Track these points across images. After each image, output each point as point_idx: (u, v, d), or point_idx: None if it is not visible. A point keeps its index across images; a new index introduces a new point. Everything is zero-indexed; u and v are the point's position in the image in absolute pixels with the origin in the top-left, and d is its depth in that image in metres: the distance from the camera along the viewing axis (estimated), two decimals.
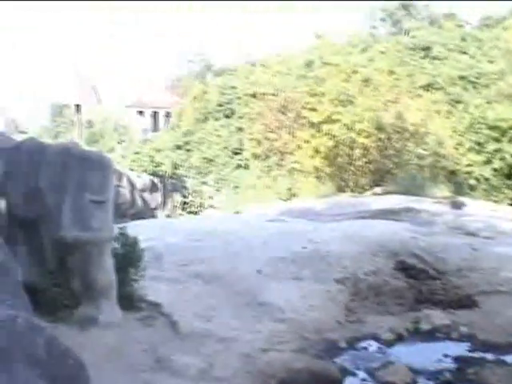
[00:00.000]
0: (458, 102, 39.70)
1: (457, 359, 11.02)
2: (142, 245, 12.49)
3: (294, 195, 35.53)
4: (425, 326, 12.44)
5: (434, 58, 47.42)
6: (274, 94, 42.84)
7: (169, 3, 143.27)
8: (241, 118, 48.29)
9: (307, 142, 35.60)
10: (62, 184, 10.86)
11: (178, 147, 48.35)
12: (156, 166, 36.73)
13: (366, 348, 11.59)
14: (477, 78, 42.52)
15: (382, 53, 48.99)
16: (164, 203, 36.61)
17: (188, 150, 48.41)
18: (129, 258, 11.81)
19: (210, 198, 39.83)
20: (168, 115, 62.66)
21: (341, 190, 33.57)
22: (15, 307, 4.82)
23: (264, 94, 44.30)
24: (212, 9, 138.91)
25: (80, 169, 10.92)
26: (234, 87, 51.81)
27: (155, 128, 65.26)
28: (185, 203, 37.79)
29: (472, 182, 33.07)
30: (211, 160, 47.00)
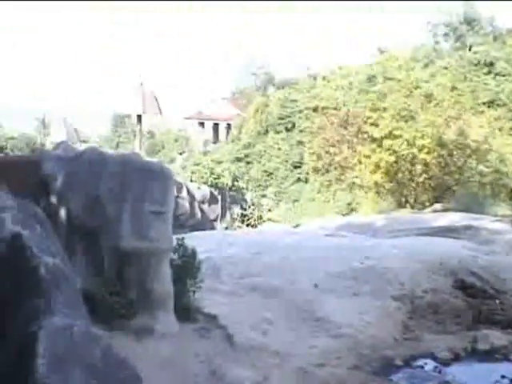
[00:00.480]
0: None
1: None
2: (200, 256, 12.52)
3: (353, 210, 35.37)
4: (482, 346, 12.20)
5: (498, 74, 46.80)
6: (335, 108, 42.74)
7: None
8: (301, 131, 48.28)
9: (368, 157, 35.39)
10: (121, 194, 10.94)
11: (238, 159, 48.53)
12: (216, 178, 36.87)
13: (422, 367, 11.42)
14: None
15: (445, 68, 48.53)
16: (223, 215, 36.73)
17: (248, 163, 48.55)
18: (187, 269, 11.84)
19: (269, 210, 39.81)
20: (229, 127, 62.91)
21: (401, 205, 33.27)
22: (73, 316, 4.85)
23: (325, 108, 44.23)
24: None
25: (140, 179, 10.99)
26: (295, 100, 51.83)
27: (216, 140, 65.55)
28: (244, 216, 37.82)
29: None
30: (271, 173, 47.06)
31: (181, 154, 59.83)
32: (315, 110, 46.84)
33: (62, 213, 11.17)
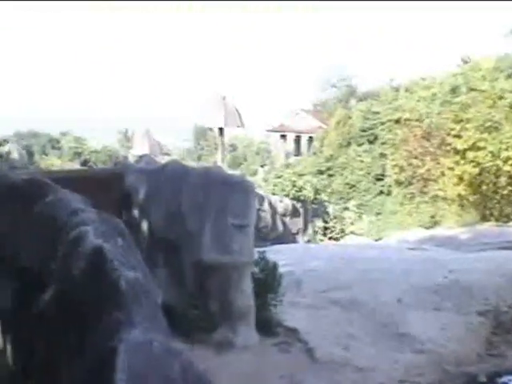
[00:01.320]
0: None
1: None
2: (282, 269, 12.56)
3: (436, 223, 34.92)
4: None
5: None
6: (418, 120, 42.32)
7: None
8: (384, 143, 47.92)
9: (451, 169, 34.94)
10: (203, 207, 11.08)
11: (321, 172, 48.46)
12: (298, 191, 36.95)
13: (506, 383, 11.27)
14: None
15: None
16: (305, 228, 36.76)
17: (330, 175, 48.45)
18: (268, 283, 11.88)
19: (352, 224, 39.67)
20: (311, 140, 62.87)
21: (485, 218, 32.69)
22: (152, 330, 4.92)
23: (408, 120, 43.85)
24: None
25: (222, 192, 11.12)
26: (377, 112, 51.48)
27: (298, 152, 65.55)
28: (326, 228, 37.82)
29: None
30: (353, 185, 46.86)
31: (262, 166, 60.10)
32: (398, 121, 46.43)
33: (144, 225, 11.37)
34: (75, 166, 60.60)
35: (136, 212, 11.63)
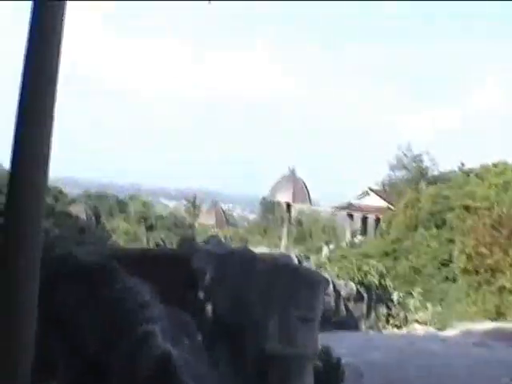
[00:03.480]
0: None
1: None
2: (343, 359, 12.45)
3: (502, 315, 34.20)
4: None
5: None
6: (488, 209, 41.83)
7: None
8: (452, 229, 47.37)
9: None
10: (270, 296, 11.06)
11: (386, 254, 48.09)
12: (363, 276, 36.68)
13: None
14: None
15: None
16: (368, 314, 36.31)
17: (395, 258, 48.02)
18: (330, 376, 11.77)
19: (415, 311, 39.03)
20: (378, 220, 62.68)
21: None
22: None
23: (478, 207, 43.41)
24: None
25: (290, 284, 11.10)
26: (447, 197, 51.08)
27: (364, 232, 65.41)
28: (389, 315, 37.28)
29: None
30: (418, 270, 46.30)
31: (328, 244, 59.96)
32: (467, 208, 45.99)
33: (209, 309, 11.37)
34: (141, 230, 61.45)
35: (201, 295, 11.64)
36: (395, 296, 39.05)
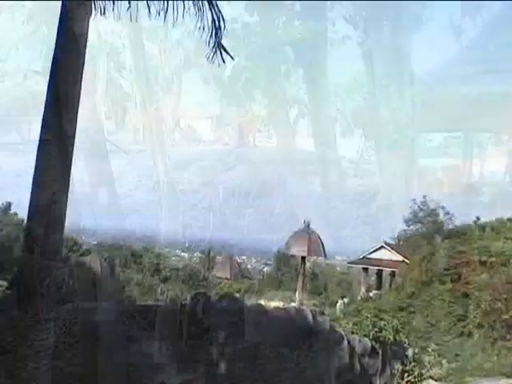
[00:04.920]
0: None
1: None
2: None
3: None
4: None
5: None
6: (503, 264, 41.75)
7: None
8: (468, 284, 47.16)
9: None
10: (285, 353, 11.16)
11: (401, 309, 47.81)
12: (378, 332, 36.42)
13: None
14: None
15: None
16: (382, 370, 35.95)
17: (410, 313, 47.73)
18: None
19: (430, 367, 38.63)
20: (393, 274, 62.47)
21: None
22: None
23: (493, 262, 43.32)
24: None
25: (305, 340, 11.20)
26: (462, 252, 50.92)
27: (379, 286, 65.14)
28: (404, 371, 36.92)
29: None
30: (433, 324, 46.00)
31: (342, 298, 59.73)
32: (483, 263, 45.83)
33: (222, 367, 11.48)
34: (155, 281, 61.41)
35: (214, 349, 11.80)
36: (410, 352, 38.73)
